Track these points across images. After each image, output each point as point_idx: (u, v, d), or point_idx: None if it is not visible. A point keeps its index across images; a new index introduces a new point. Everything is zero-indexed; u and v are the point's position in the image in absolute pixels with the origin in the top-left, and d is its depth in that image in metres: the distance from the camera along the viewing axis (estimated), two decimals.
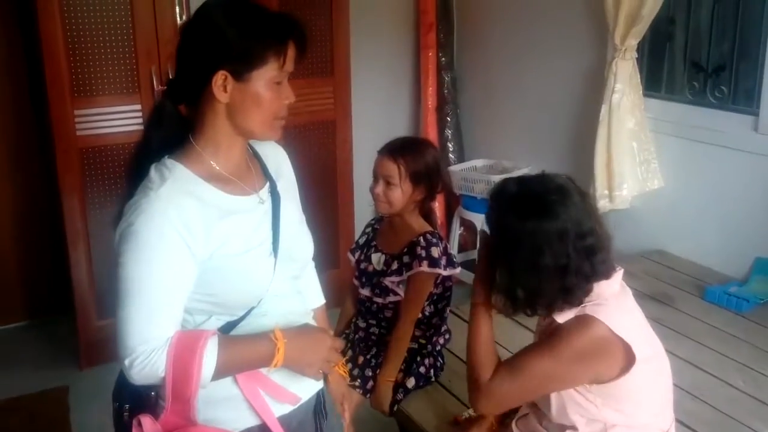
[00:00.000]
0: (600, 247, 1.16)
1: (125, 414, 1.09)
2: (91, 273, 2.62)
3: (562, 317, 1.17)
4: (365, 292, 1.79)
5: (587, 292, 1.17)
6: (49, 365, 2.76)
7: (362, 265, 1.82)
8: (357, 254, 1.85)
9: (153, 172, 1.06)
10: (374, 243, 1.83)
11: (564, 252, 1.12)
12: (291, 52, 1.08)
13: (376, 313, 1.80)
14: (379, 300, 1.75)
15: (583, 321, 1.15)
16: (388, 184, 1.70)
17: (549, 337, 1.18)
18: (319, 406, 1.21)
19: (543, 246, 1.12)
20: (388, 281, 1.73)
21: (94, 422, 2.30)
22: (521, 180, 1.21)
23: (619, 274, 1.22)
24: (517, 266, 1.16)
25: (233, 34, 1.04)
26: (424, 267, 1.67)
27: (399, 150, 1.71)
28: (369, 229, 1.88)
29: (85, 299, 2.64)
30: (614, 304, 1.18)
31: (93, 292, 2.64)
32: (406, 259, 1.71)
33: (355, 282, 1.84)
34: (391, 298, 1.74)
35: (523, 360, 1.19)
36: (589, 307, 1.16)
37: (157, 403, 1.09)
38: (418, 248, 1.69)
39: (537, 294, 1.15)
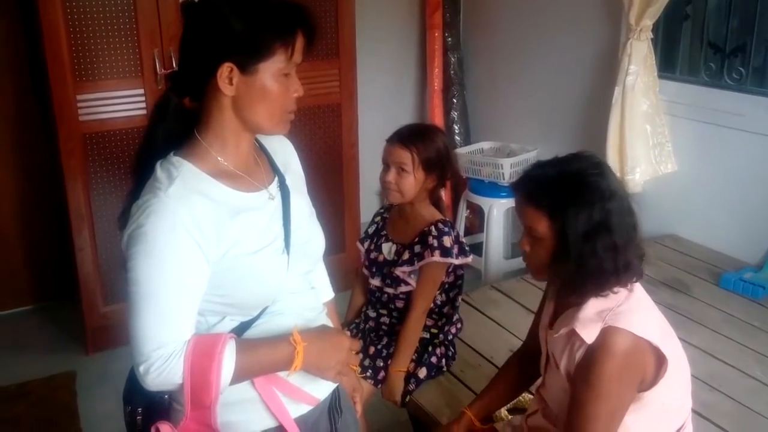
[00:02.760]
0: (639, 227, 1.15)
1: (138, 418, 1.07)
2: (96, 258, 2.60)
3: (586, 332, 1.13)
4: (376, 282, 1.76)
5: (639, 270, 1.15)
6: (56, 350, 2.76)
7: (372, 255, 1.78)
8: (366, 244, 1.82)
9: (159, 170, 1.02)
10: (384, 232, 1.80)
11: (625, 227, 1.12)
12: (299, 43, 1.04)
13: (387, 303, 1.77)
14: (390, 290, 1.73)
15: (607, 339, 1.11)
16: (401, 171, 1.66)
17: (584, 374, 1.13)
18: (334, 403, 1.19)
19: (610, 226, 1.10)
20: (399, 271, 1.70)
21: (102, 408, 2.31)
22: (555, 163, 1.16)
23: None
24: (596, 252, 1.11)
25: (239, 25, 0.99)
26: (436, 257, 1.64)
27: (411, 137, 1.68)
28: (378, 219, 1.85)
29: (91, 284, 2.63)
30: (631, 302, 1.15)
31: (98, 277, 2.62)
32: (417, 248, 1.68)
33: (365, 272, 1.81)
34: (403, 288, 1.71)
35: (581, 419, 1.13)
36: (610, 317, 1.13)
37: (171, 406, 1.07)
38: (430, 237, 1.66)
39: (611, 272, 1.12)
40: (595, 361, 1.11)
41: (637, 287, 1.20)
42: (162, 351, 0.96)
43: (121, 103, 2.50)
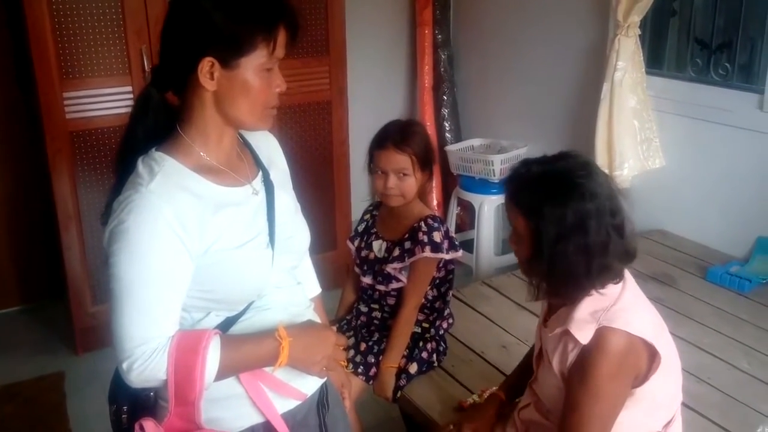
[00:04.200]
0: (627, 228, 1.13)
1: (124, 416, 1.06)
2: (84, 257, 2.58)
3: (581, 334, 1.12)
4: (367, 279, 1.76)
5: (621, 271, 1.14)
6: (45, 350, 2.74)
7: (363, 253, 1.78)
8: (357, 242, 1.82)
9: (141, 166, 1.01)
10: (374, 230, 1.79)
11: (604, 230, 1.10)
12: (281, 38, 1.03)
13: (379, 299, 1.77)
14: (382, 287, 1.73)
15: (602, 340, 1.11)
16: (402, 176, 1.65)
17: (579, 375, 1.13)
18: (322, 398, 1.19)
19: (586, 227, 1.09)
20: (390, 268, 1.70)
21: (91, 408, 2.29)
22: (543, 161, 1.16)
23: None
24: (567, 253, 1.10)
25: (220, 18, 0.99)
26: (427, 252, 1.64)
27: (404, 139, 1.66)
28: (368, 216, 1.84)
29: (79, 284, 2.61)
30: (624, 300, 1.15)
31: (86, 277, 2.60)
32: (407, 245, 1.68)
33: (357, 270, 1.80)
34: (394, 285, 1.71)
35: (577, 419, 1.13)
36: (604, 317, 1.12)
37: (156, 403, 1.06)
38: (420, 233, 1.66)
39: (584, 275, 1.12)
40: (591, 362, 1.11)
41: (630, 282, 1.19)
42: (145, 347, 0.95)
43: (109, 101, 2.47)
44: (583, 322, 1.13)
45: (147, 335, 0.96)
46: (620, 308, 1.13)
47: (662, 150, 2.58)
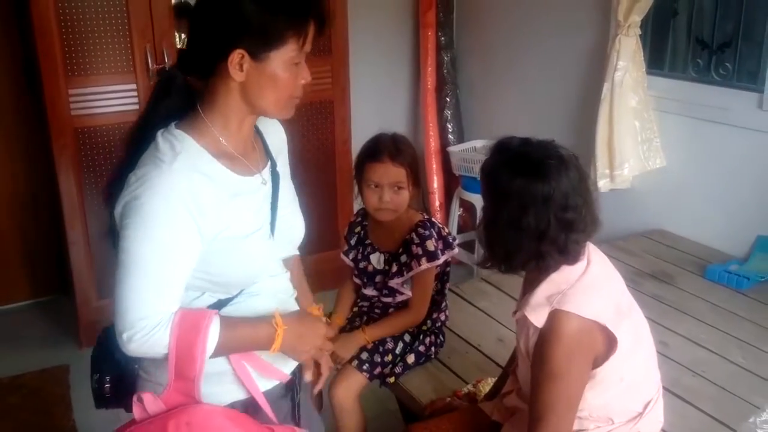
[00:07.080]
0: (578, 228, 1.14)
1: (107, 386, 1.08)
2: (90, 253, 2.62)
3: (536, 318, 1.15)
4: (369, 291, 1.77)
5: (558, 263, 1.16)
6: (51, 344, 2.77)
7: (361, 265, 1.78)
8: (352, 254, 1.81)
9: (161, 141, 1.03)
10: (368, 242, 1.78)
11: (545, 217, 1.12)
12: (311, 32, 1.05)
13: (383, 308, 1.78)
14: (389, 299, 1.74)
15: (554, 322, 1.13)
16: (398, 190, 1.64)
17: (538, 357, 1.16)
18: (294, 380, 1.22)
19: (527, 206, 1.12)
20: (393, 283, 1.71)
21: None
22: (526, 141, 1.19)
23: (583, 259, 1.19)
24: (500, 220, 1.15)
25: (253, 11, 1.00)
26: (424, 264, 1.64)
27: (399, 153, 1.65)
28: (358, 229, 1.82)
29: (84, 279, 2.64)
30: (582, 283, 1.16)
31: (92, 272, 2.64)
32: (403, 258, 1.69)
33: (356, 281, 1.81)
34: (399, 298, 1.72)
35: (540, 401, 1.15)
36: (557, 300, 1.14)
37: (139, 375, 1.09)
38: (414, 246, 1.66)
39: (513, 251, 1.16)
40: (545, 345, 1.13)
41: (593, 266, 1.20)
42: (147, 321, 0.97)
43: (114, 98, 2.52)
44: (538, 305, 1.16)
45: (150, 310, 0.98)
46: (575, 291, 1.15)
47: (663, 150, 2.59)
